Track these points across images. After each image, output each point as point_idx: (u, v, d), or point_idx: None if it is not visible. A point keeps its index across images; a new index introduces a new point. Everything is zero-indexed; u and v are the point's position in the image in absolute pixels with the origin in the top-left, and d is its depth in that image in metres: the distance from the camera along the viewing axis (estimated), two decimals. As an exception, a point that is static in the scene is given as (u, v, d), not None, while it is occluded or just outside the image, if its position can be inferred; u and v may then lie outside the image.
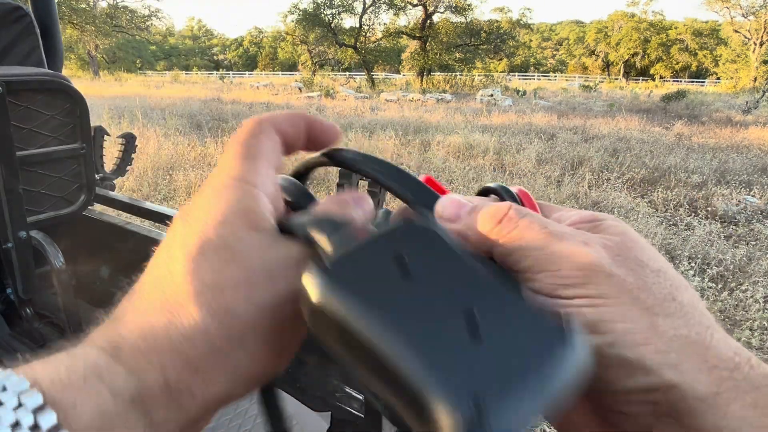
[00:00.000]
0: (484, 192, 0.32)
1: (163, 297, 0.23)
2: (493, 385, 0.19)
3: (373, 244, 0.23)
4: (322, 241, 0.24)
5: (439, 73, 30.63)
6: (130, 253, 1.39)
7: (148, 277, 0.25)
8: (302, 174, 0.34)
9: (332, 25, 29.77)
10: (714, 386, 0.21)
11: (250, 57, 63.32)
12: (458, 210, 0.27)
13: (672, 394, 0.21)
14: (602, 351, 0.21)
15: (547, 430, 2.09)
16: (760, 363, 0.22)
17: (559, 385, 0.20)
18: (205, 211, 0.25)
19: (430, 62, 29.54)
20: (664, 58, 45.28)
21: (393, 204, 5.07)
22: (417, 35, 30.26)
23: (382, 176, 0.30)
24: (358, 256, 0.23)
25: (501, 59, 38.51)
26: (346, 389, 1.04)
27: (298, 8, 30.06)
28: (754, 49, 34.57)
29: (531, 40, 56.33)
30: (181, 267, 0.23)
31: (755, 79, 32.46)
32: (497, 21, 33.53)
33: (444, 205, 0.28)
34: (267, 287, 0.24)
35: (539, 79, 44.80)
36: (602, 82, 35.36)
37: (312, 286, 0.22)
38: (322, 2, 29.25)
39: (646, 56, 45.13)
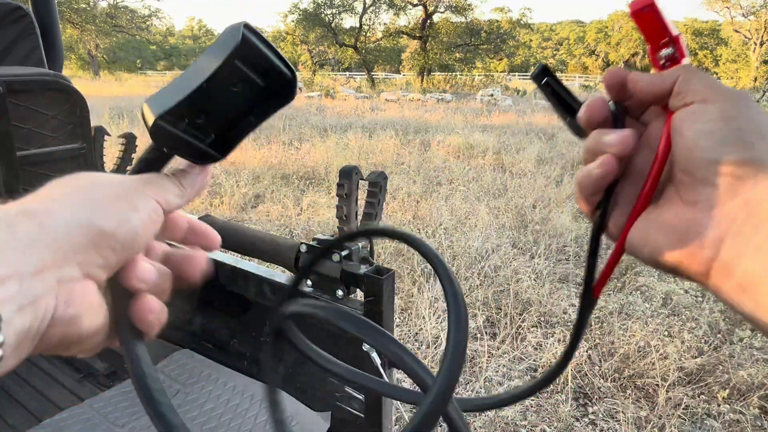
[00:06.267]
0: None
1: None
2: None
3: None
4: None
5: (439, 73, 30.60)
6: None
7: None
8: None
9: (332, 24, 29.75)
10: None
11: (251, 57, 63.13)
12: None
13: None
14: None
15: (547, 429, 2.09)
16: None
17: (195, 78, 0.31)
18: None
19: (430, 62, 29.52)
20: (665, 57, 45.15)
21: (391, 203, 4.99)
22: (417, 35, 30.23)
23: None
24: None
25: (501, 59, 38.46)
26: (346, 389, 1.04)
27: (298, 8, 30.03)
28: (755, 49, 34.54)
29: (531, 40, 56.29)
30: None
31: (755, 79, 32.43)
32: (497, 21, 33.46)
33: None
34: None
35: (539, 79, 44.65)
36: (602, 81, 35.32)
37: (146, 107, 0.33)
38: (322, 2, 29.23)
39: (646, 56, 44.98)
